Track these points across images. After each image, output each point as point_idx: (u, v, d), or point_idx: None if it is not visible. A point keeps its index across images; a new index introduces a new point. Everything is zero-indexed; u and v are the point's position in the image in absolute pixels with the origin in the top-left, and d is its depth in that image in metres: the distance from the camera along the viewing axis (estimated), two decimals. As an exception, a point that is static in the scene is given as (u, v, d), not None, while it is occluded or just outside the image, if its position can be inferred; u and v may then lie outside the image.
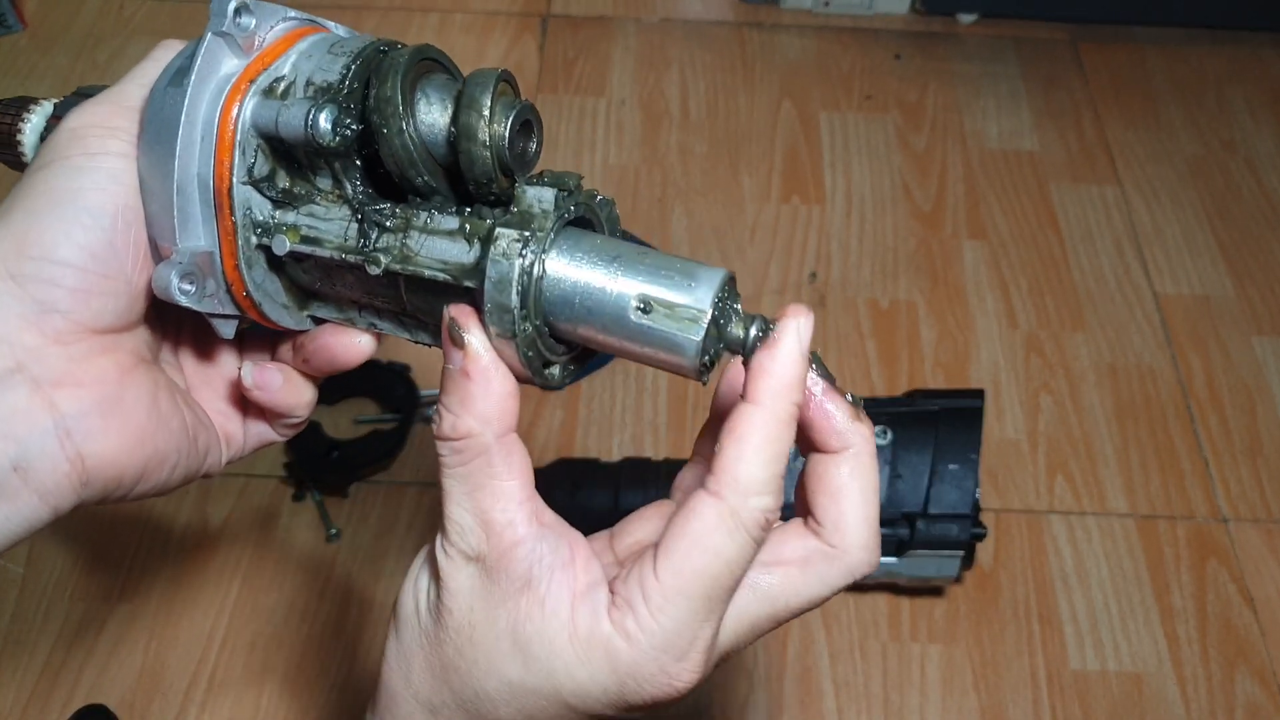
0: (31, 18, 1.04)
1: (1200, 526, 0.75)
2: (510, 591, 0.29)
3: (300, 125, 0.29)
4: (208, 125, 0.30)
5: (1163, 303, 0.88)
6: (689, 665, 0.28)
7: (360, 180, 0.30)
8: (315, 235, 0.31)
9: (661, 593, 0.27)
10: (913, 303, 0.86)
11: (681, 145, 0.96)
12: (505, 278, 0.27)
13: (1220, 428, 0.80)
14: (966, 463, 0.62)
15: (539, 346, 0.29)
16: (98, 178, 0.30)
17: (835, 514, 0.30)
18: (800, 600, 0.30)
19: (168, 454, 0.33)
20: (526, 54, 1.03)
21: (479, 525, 0.29)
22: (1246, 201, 0.95)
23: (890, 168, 0.96)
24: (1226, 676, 0.68)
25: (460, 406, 0.29)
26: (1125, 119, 1.01)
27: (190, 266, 0.30)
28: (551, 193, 0.28)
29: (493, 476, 0.29)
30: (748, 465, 0.27)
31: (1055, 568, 0.72)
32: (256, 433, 0.38)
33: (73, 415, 0.30)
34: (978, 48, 1.07)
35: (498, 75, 0.28)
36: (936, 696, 0.66)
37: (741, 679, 0.66)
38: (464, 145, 0.28)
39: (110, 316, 0.31)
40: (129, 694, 0.64)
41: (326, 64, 0.30)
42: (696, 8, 1.09)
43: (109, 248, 0.30)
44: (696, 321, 0.27)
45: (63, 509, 0.31)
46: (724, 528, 0.27)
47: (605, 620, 0.28)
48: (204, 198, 0.30)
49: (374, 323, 0.33)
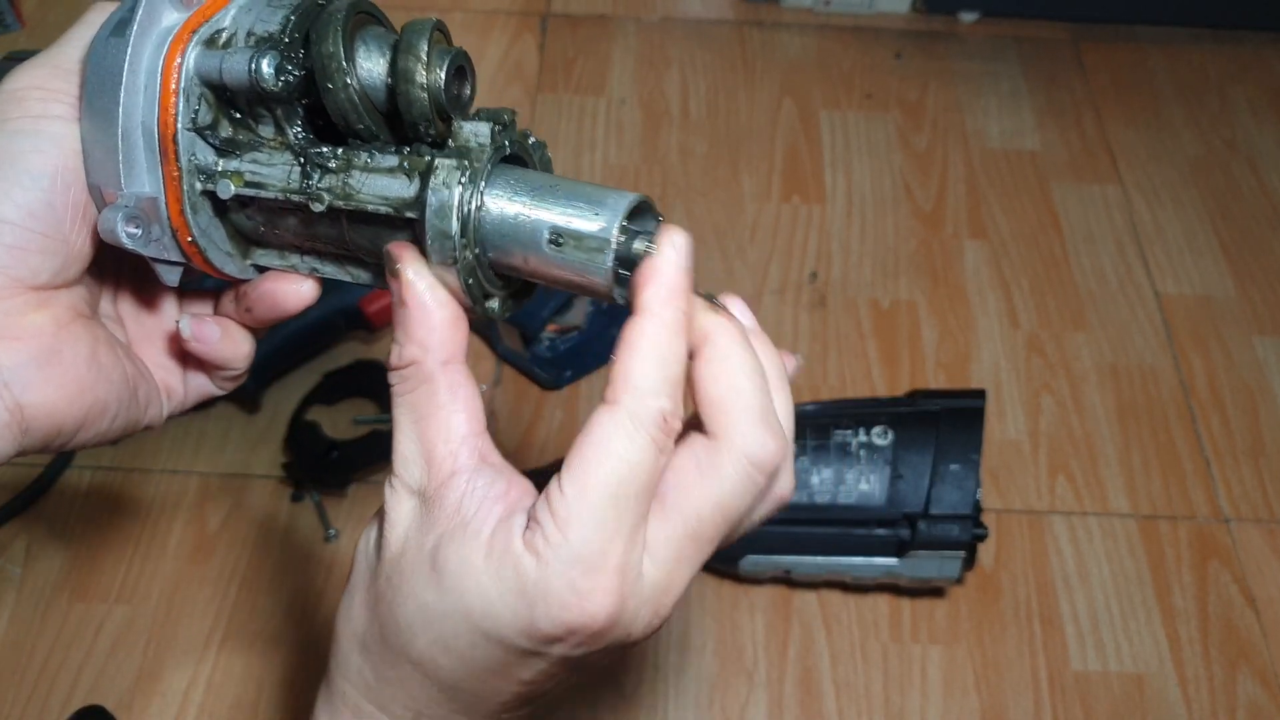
0: (29, 17, 1.04)
1: (1202, 527, 0.75)
2: (439, 519, 0.29)
3: (244, 71, 0.29)
4: (150, 74, 0.30)
5: (1164, 302, 0.87)
6: (601, 584, 0.27)
7: (302, 126, 0.31)
8: (259, 180, 0.32)
9: (566, 505, 0.27)
10: (914, 302, 0.86)
11: (681, 144, 0.96)
12: (445, 205, 0.29)
13: (1222, 428, 0.80)
14: (968, 463, 0.62)
15: (479, 275, 0.30)
16: (38, 141, 0.31)
17: (710, 407, 0.29)
18: (707, 504, 0.29)
19: (108, 404, 0.34)
20: (526, 53, 1.03)
21: (422, 457, 0.30)
22: (1248, 201, 0.95)
23: (891, 167, 0.96)
24: (1228, 677, 0.68)
25: (404, 335, 0.30)
26: (1127, 118, 1.01)
27: (136, 210, 0.31)
28: (487, 127, 0.30)
29: (438, 407, 0.30)
30: (639, 368, 0.28)
31: (1057, 568, 0.72)
32: (196, 386, 0.39)
33: (9, 368, 0.31)
34: (979, 47, 1.07)
35: (432, 24, 0.30)
36: (938, 697, 0.66)
37: (742, 680, 0.66)
38: (402, 89, 0.29)
39: (46, 274, 0.32)
40: (127, 695, 0.64)
41: (266, 15, 0.31)
42: (697, 7, 1.09)
43: (47, 207, 0.31)
44: (602, 251, 0.28)
45: (2, 455, 0.32)
46: (622, 431, 0.27)
47: (518, 539, 0.28)
48: (148, 144, 0.31)
49: (316, 267, 0.34)
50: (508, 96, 0.99)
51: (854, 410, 0.65)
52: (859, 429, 0.64)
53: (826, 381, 0.81)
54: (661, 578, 0.29)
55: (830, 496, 0.63)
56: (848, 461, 0.63)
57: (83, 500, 0.72)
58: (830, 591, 0.70)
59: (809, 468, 0.63)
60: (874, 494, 0.62)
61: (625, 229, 0.29)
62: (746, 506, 0.29)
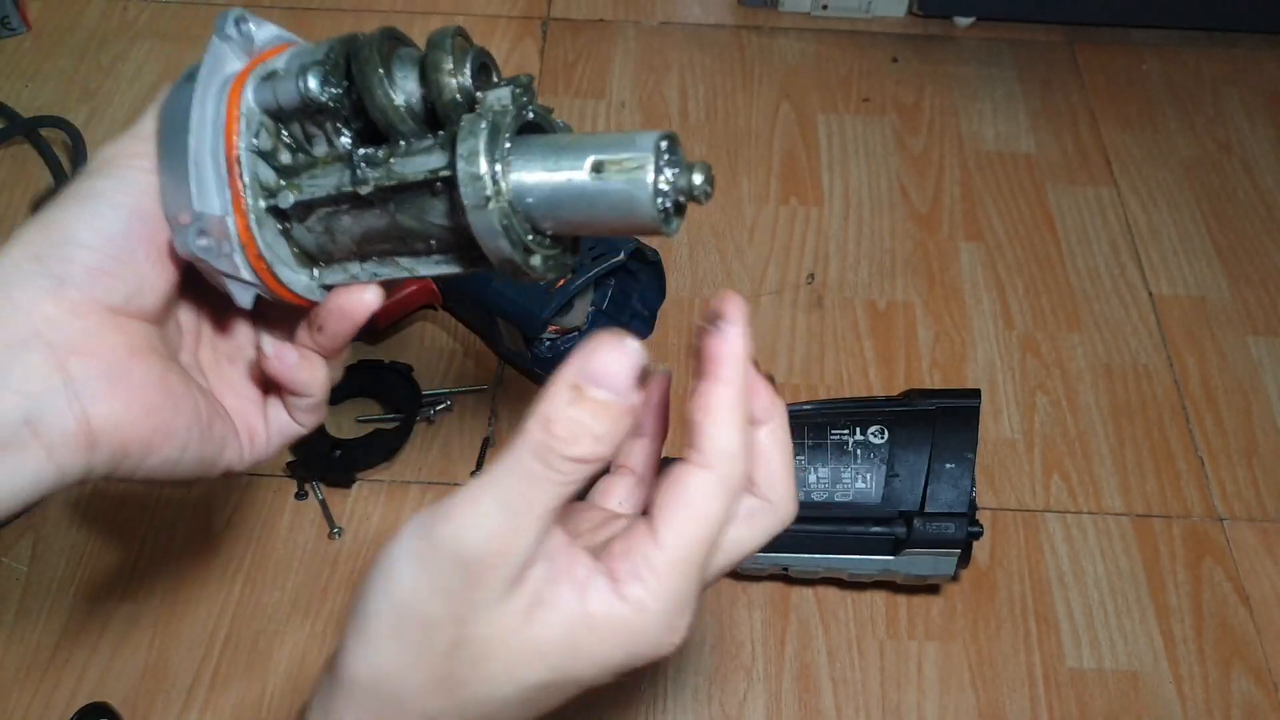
0: (35, 20, 1.04)
1: (1196, 525, 0.75)
2: (512, 600, 0.29)
3: (294, 89, 0.33)
4: (217, 109, 0.34)
5: (1158, 303, 0.88)
6: (685, 622, 0.31)
7: (351, 135, 0.35)
8: (315, 187, 0.34)
9: (666, 560, 0.30)
10: (910, 303, 0.87)
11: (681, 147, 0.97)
12: (473, 151, 0.30)
13: (1216, 427, 0.80)
14: (963, 462, 0.63)
15: (514, 221, 0.31)
16: (120, 183, 0.34)
17: (766, 474, 0.33)
18: (743, 550, 0.33)
19: (175, 430, 0.35)
20: (527, 57, 1.04)
21: (524, 550, 0.30)
22: (1242, 203, 0.96)
23: (887, 170, 0.97)
24: (1222, 675, 0.68)
25: (614, 431, 0.30)
26: (1121, 121, 1.02)
27: (206, 225, 0.34)
28: (508, 90, 0.32)
29: (563, 501, 0.30)
30: (726, 434, 0.31)
31: (1051, 566, 0.73)
32: (278, 424, 0.41)
33: (81, 379, 0.33)
34: (974, 50, 1.08)
35: (453, 31, 0.32)
36: (934, 694, 0.67)
37: (739, 676, 0.67)
38: (432, 78, 0.32)
39: (120, 297, 0.34)
40: (132, 692, 0.65)
41: (312, 50, 0.34)
42: (696, 11, 1.10)
43: (123, 236, 0.33)
44: (643, 168, 0.29)
45: (68, 471, 0.33)
46: (714, 492, 0.30)
47: (615, 599, 0.30)
48: (216, 169, 0.34)
49: (375, 272, 0.36)
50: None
51: (850, 409, 0.66)
52: (855, 428, 0.64)
53: (823, 381, 0.81)
54: (699, 600, 0.32)
55: (827, 495, 0.63)
56: (844, 460, 0.63)
57: (88, 498, 0.73)
58: (827, 588, 0.71)
59: (806, 466, 0.64)
60: (870, 492, 0.63)
61: (661, 150, 0.30)
62: (755, 551, 0.34)
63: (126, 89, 0.99)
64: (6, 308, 0.32)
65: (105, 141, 0.36)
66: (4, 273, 0.33)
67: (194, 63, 0.35)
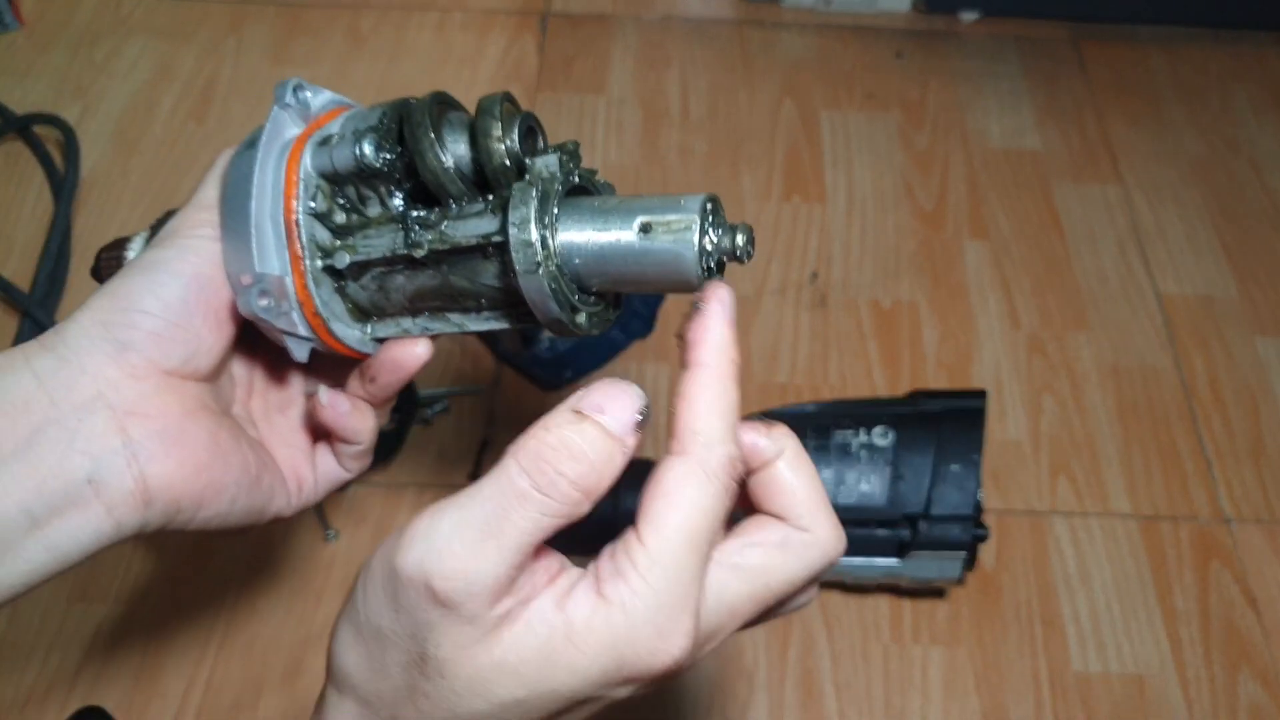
0: (29, 15, 1.03)
1: (1203, 527, 0.74)
2: (477, 623, 0.29)
3: (350, 155, 0.35)
4: (276, 174, 0.36)
5: (1165, 303, 0.87)
6: (681, 628, 0.29)
7: (403, 199, 0.36)
8: (369, 248, 0.36)
9: (648, 555, 0.28)
10: (915, 303, 0.86)
11: (682, 144, 0.96)
12: (524, 219, 0.31)
13: (1223, 428, 0.80)
14: (968, 464, 0.62)
15: (562, 284, 0.32)
16: (183, 251, 0.36)
17: (797, 505, 0.32)
18: (780, 579, 0.31)
19: (225, 485, 0.37)
20: (526, 52, 1.03)
21: (493, 576, 0.29)
22: (1250, 201, 0.95)
23: (892, 167, 0.96)
24: (1230, 678, 0.68)
25: (606, 467, 0.29)
26: (1128, 118, 1.01)
27: (266, 285, 0.36)
28: (555, 157, 0.33)
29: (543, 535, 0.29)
30: (703, 418, 0.30)
31: (1058, 569, 0.72)
32: (325, 472, 0.43)
33: (139, 440, 0.35)
34: (979, 46, 1.07)
35: (501, 98, 0.34)
36: (938, 698, 0.66)
37: (742, 682, 0.66)
38: (482, 144, 0.33)
39: (177, 360, 0.36)
40: (126, 696, 0.64)
41: (366, 115, 0.36)
42: (697, 6, 1.09)
43: (183, 303, 0.36)
44: (689, 229, 0.31)
45: (125, 526, 0.35)
46: (695, 479, 0.29)
47: (597, 600, 0.29)
48: (276, 232, 0.36)
49: (426, 326, 0.38)
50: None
51: (855, 410, 0.65)
52: (860, 429, 0.63)
53: (827, 381, 0.81)
54: (716, 624, 0.30)
55: (831, 497, 0.62)
56: (848, 462, 0.63)
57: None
58: (831, 592, 0.70)
59: (809, 468, 0.63)
60: (875, 494, 0.62)
61: (707, 212, 0.31)
62: (802, 587, 0.32)
63: (120, 86, 0.98)
64: (75, 372, 0.34)
65: (175, 211, 0.38)
66: (74, 338, 0.35)
67: (255, 129, 0.37)
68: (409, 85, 0.97)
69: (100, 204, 0.89)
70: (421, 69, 0.99)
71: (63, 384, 0.34)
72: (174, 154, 0.93)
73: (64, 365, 0.35)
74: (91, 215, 0.88)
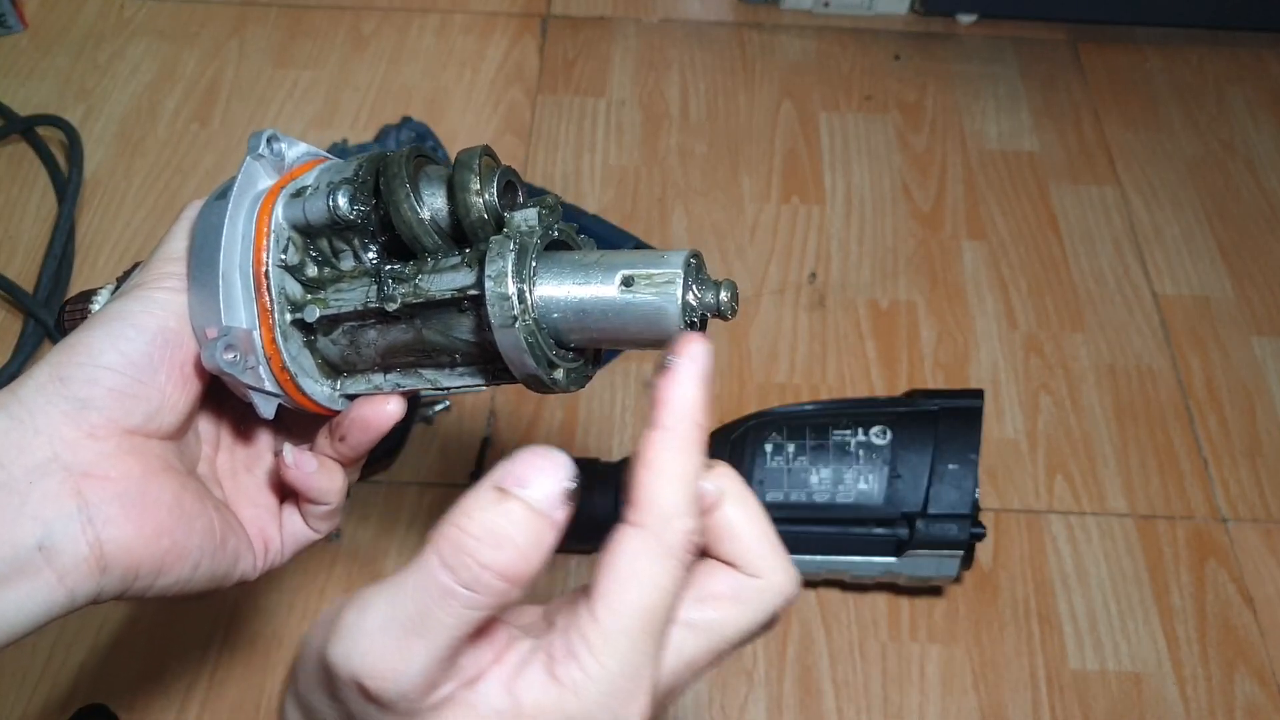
0: (32, 18, 1.04)
1: (1199, 527, 0.75)
2: (427, 711, 0.27)
3: (324, 207, 0.34)
4: (247, 225, 0.35)
5: (1162, 303, 0.88)
6: (636, 708, 0.27)
7: (377, 251, 0.35)
8: (340, 302, 0.35)
9: (602, 634, 0.27)
10: (912, 303, 0.86)
11: (681, 146, 0.97)
12: (501, 272, 0.30)
13: (1219, 428, 0.80)
14: (966, 463, 0.62)
15: (539, 338, 0.31)
16: (148, 304, 0.35)
17: (747, 552, 0.30)
18: (735, 630, 0.30)
19: (188, 550, 0.35)
20: (526, 54, 1.03)
21: (432, 670, 0.27)
22: (1246, 202, 0.95)
23: (890, 168, 0.96)
24: (1226, 677, 0.68)
25: (535, 550, 0.26)
26: (1125, 119, 1.01)
27: (233, 339, 0.34)
28: (534, 211, 0.32)
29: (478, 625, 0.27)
30: (663, 490, 0.28)
31: (1055, 568, 0.72)
32: (292, 532, 0.41)
33: (96, 503, 0.33)
34: (977, 48, 1.07)
35: (479, 151, 0.33)
36: (936, 696, 0.66)
37: (741, 679, 0.67)
38: (460, 198, 0.32)
39: (139, 418, 0.34)
40: (129, 693, 0.64)
41: (341, 168, 0.35)
42: (696, 8, 1.10)
43: (146, 358, 0.34)
44: (673, 282, 0.30)
45: (79, 595, 0.33)
46: (651, 555, 0.27)
47: (548, 681, 0.27)
48: (244, 284, 0.34)
49: (398, 383, 0.37)
50: (508, 98, 0.99)
51: (852, 410, 0.65)
52: (857, 429, 0.64)
53: (825, 381, 0.81)
54: (673, 682, 0.29)
55: (829, 496, 0.63)
56: (846, 461, 0.63)
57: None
58: (829, 590, 0.70)
59: (808, 467, 0.63)
60: (872, 493, 0.63)
61: (691, 267, 0.31)
62: (760, 631, 0.31)
63: (123, 87, 0.99)
64: (28, 432, 0.33)
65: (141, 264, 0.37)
66: (28, 396, 0.33)
67: (226, 180, 0.36)
68: (410, 87, 0.97)
69: (104, 205, 0.90)
70: (423, 71, 1.00)
71: (14, 445, 0.32)
72: (177, 155, 0.94)
73: (16, 425, 0.33)
74: (95, 216, 0.89)
